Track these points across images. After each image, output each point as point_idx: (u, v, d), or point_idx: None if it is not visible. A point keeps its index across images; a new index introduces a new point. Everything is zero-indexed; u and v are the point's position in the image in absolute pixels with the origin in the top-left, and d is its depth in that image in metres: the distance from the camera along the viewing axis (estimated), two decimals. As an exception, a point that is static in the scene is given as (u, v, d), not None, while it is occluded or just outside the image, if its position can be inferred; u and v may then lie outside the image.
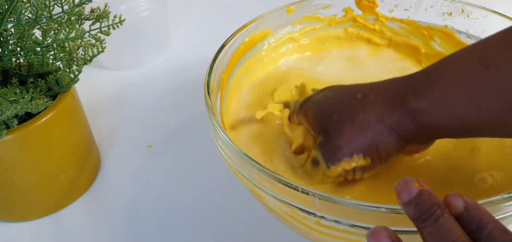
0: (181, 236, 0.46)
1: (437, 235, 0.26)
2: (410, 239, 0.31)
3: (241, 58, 0.50)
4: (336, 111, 0.37)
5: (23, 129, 0.42)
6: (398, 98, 0.34)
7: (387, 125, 0.35)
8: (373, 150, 0.35)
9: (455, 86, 0.32)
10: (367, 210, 0.30)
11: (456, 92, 0.32)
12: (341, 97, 0.38)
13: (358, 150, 0.36)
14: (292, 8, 0.53)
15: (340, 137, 0.36)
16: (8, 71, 0.44)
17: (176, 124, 0.60)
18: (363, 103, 0.36)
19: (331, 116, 0.37)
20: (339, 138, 0.36)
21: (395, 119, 0.34)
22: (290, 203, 0.33)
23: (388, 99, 0.35)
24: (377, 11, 0.54)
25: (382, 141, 0.35)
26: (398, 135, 0.35)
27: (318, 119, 0.39)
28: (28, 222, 0.48)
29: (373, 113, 0.35)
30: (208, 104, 0.39)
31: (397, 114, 0.34)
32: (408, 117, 0.34)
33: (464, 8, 0.50)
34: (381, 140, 0.35)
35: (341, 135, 0.36)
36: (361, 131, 0.35)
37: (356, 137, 0.35)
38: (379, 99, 0.35)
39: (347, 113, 0.36)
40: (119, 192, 0.51)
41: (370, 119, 0.35)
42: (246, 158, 0.34)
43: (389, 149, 0.35)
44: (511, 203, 0.30)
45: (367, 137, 0.35)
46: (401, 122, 0.34)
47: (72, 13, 0.44)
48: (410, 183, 0.27)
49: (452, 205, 0.27)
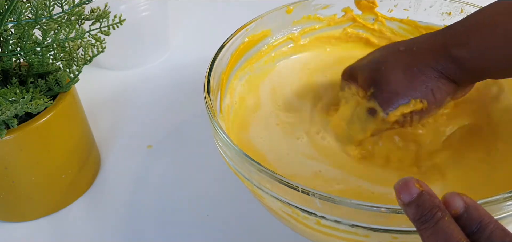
0: (181, 236, 0.46)
1: (438, 237, 0.26)
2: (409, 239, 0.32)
3: (241, 58, 0.50)
4: (384, 64, 0.39)
5: (23, 129, 0.42)
6: (441, 48, 0.36)
7: (436, 69, 0.36)
8: (428, 92, 0.37)
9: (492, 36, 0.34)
10: (367, 210, 0.30)
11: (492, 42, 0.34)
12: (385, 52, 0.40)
13: (414, 94, 0.37)
14: (292, 9, 0.53)
15: (395, 84, 0.38)
16: (8, 71, 0.44)
17: (176, 124, 0.60)
18: (408, 53, 0.38)
19: (379, 68, 0.39)
20: (393, 85, 0.38)
21: (442, 65, 0.36)
22: (290, 203, 0.33)
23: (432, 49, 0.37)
24: (376, 11, 0.55)
25: (435, 84, 0.37)
26: (448, 78, 0.37)
27: (367, 74, 0.40)
28: (28, 222, 0.48)
29: (421, 61, 0.37)
30: (208, 104, 0.39)
31: (442, 61, 0.36)
32: (453, 63, 0.36)
33: (463, 8, 0.50)
34: (434, 83, 0.37)
35: (395, 82, 0.38)
36: (413, 76, 0.37)
37: (410, 82, 0.37)
38: (422, 50, 0.37)
39: (395, 63, 0.38)
40: (119, 192, 0.51)
41: (419, 66, 0.37)
42: (246, 158, 0.34)
43: (442, 91, 0.37)
44: (510, 202, 0.30)
45: (420, 81, 0.37)
46: (448, 67, 0.36)
47: (72, 13, 0.44)
48: (410, 183, 0.27)
49: (451, 205, 0.27)
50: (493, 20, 0.35)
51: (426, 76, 0.37)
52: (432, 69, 0.37)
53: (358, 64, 0.43)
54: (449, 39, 0.36)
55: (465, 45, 0.35)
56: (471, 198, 0.27)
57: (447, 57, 0.36)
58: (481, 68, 0.36)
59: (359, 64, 0.43)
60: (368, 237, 0.32)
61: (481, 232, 0.26)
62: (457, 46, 0.35)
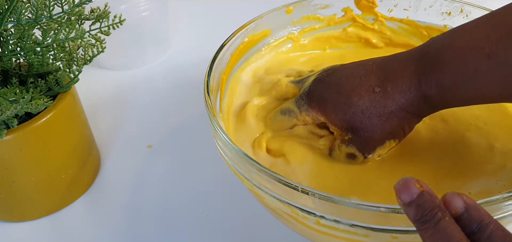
0: (181, 236, 0.46)
1: (438, 237, 0.26)
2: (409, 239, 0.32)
3: (241, 58, 0.50)
4: (359, 107, 0.40)
5: (23, 129, 0.42)
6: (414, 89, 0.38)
7: (408, 110, 0.39)
8: (400, 132, 0.40)
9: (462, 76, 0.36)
10: (366, 210, 0.30)
11: (463, 81, 0.36)
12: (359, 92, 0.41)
13: (388, 136, 0.40)
14: (292, 8, 0.53)
15: (371, 130, 0.40)
16: (8, 71, 0.44)
17: (176, 124, 0.60)
18: (384, 96, 0.39)
19: (355, 113, 0.40)
20: (370, 132, 0.40)
21: (415, 106, 0.39)
22: (290, 203, 0.33)
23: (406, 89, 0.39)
24: (376, 11, 0.54)
25: (406, 124, 0.40)
26: (416, 115, 0.40)
27: (342, 118, 0.41)
28: (28, 222, 0.48)
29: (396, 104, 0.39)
30: (208, 104, 0.39)
31: (416, 102, 0.38)
32: (423, 101, 0.38)
33: (463, 8, 0.50)
34: (406, 123, 0.40)
35: (371, 129, 0.40)
36: (388, 122, 0.39)
37: (385, 127, 0.40)
38: (397, 91, 0.39)
39: (371, 108, 0.40)
40: (119, 192, 0.51)
41: (394, 110, 0.39)
42: (246, 158, 0.34)
43: (411, 126, 0.41)
44: (510, 202, 0.30)
45: (394, 125, 0.40)
46: (418, 106, 0.39)
47: (72, 13, 0.44)
48: (411, 183, 0.27)
49: (452, 205, 0.27)
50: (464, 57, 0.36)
51: (399, 118, 0.39)
52: (404, 112, 0.39)
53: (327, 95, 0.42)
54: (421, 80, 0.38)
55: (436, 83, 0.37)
56: (471, 198, 0.27)
57: (419, 98, 0.38)
58: (450, 104, 0.39)
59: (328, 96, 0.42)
60: (367, 237, 0.32)
61: (482, 232, 0.26)
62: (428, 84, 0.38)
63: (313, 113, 0.43)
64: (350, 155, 0.41)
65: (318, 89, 0.43)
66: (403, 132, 0.40)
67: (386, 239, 0.32)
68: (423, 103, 0.38)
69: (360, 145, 0.40)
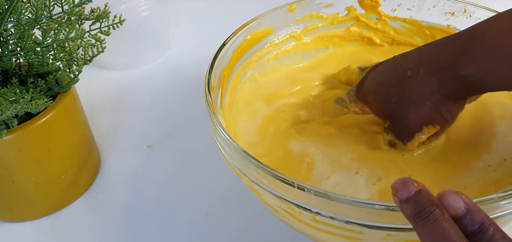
0: (181, 236, 0.46)
1: (435, 235, 0.26)
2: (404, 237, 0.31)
3: (243, 56, 0.50)
4: (394, 95, 0.41)
5: (23, 129, 0.42)
6: (447, 68, 0.37)
7: (443, 93, 0.38)
8: (438, 117, 0.39)
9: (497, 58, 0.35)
10: (361, 207, 0.30)
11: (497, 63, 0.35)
12: (393, 79, 0.41)
13: (425, 122, 0.39)
14: (295, 7, 0.53)
15: (406, 118, 0.40)
16: (8, 71, 0.44)
17: (176, 123, 0.60)
18: (415, 80, 0.39)
19: (390, 101, 0.41)
20: (405, 119, 0.40)
21: (449, 87, 0.38)
22: (286, 199, 0.33)
23: (438, 70, 0.38)
24: (379, 10, 0.54)
25: (443, 108, 0.39)
26: (455, 98, 0.38)
27: (380, 107, 0.42)
28: (28, 222, 0.48)
29: (427, 87, 0.38)
30: (208, 102, 0.39)
31: (449, 83, 0.37)
32: (460, 83, 0.37)
33: (466, 8, 0.50)
34: (442, 107, 0.39)
35: (405, 116, 0.40)
36: (422, 106, 0.39)
37: (419, 113, 0.39)
38: (429, 73, 0.38)
39: (404, 94, 0.40)
40: (119, 191, 0.51)
41: (427, 94, 0.38)
42: (244, 155, 0.34)
43: (451, 110, 0.39)
44: (507, 201, 0.30)
45: (429, 109, 0.39)
46: (455, 88, 0.37)
47: (72, 13, 0.44)
48: (409, 182, 0.28)
49: (452, 206, 0.27)
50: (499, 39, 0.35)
51: (434, 102, 0.38)
52: (439, 95, 0.38)
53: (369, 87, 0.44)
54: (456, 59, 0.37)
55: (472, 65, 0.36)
56: (469, 198, 0.27)
57: (454, 80, 0.37)
58: (488, 87, 0.37)
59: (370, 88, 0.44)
60: (362, 233, 0.32)
61: (483, 234, 0.26)
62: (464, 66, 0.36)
63: (360, 104, 0.45)
64: (390, 142, 0.41)
65: (364, 81, 0.45)
66: (442, 117, 0.39)
67: (381, 237, 0.32)
68: (457, 84, 0.37)
69: (397, 131, 0.41)
